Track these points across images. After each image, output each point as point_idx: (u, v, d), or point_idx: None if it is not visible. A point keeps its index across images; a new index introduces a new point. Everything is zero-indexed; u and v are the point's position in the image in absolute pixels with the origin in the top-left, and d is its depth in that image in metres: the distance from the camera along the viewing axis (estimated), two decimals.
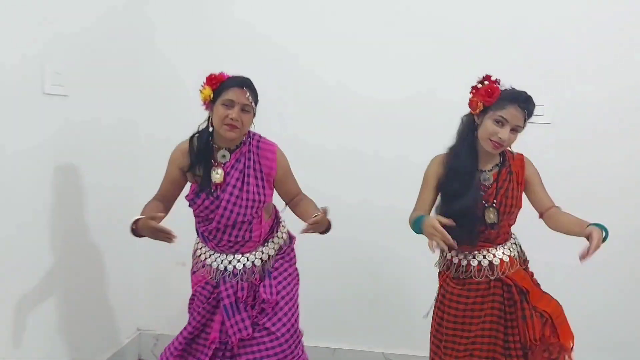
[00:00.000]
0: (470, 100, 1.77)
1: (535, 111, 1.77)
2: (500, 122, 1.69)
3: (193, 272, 1.95)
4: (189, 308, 1.95)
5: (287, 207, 1.99)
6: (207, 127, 1.85)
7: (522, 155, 1.86)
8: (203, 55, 2.73)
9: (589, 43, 2.47)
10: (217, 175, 1.80)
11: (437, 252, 1.87)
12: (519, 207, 1.84)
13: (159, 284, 2.86)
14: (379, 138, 2.65)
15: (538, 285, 1.88)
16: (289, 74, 2.63)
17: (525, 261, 1.93)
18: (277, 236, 1.95)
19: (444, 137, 1.86)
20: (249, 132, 1.86)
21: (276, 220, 1.98)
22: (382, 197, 2.64)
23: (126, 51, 2.64)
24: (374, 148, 2.65)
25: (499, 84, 1.75)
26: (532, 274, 1.91)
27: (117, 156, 2.62)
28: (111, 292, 2.64)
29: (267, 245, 1.91)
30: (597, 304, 2.55)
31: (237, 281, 1.83)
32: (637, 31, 2.45)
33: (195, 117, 2.83)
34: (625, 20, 2.45)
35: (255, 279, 1.85)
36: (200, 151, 1.82)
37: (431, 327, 1.95)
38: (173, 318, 2.87)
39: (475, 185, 1.77)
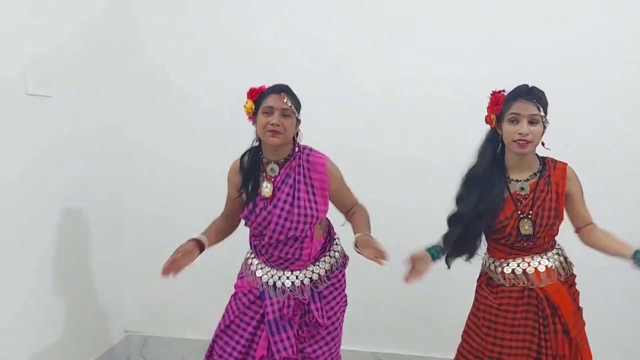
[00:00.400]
0: (485, 118, 1.79)
1: None
2: (515, 120, 1.70)
3: (241, 277, 1.93)
4: (228, 305, 1.91)
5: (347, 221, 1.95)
6: (256, 141, 1.85)
7: (565, 165, 1.80)
8: (192, 58, 2.70)
9: (588, 42, 2.47)
10: (267, 189, 1.80)
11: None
12: (560, 218, 1.78)
13: (147, 286, 2.81)
14: (383, 136, 2.62)
15: (575, 301, 1.84)
16: (286, 76, 2.58)
17: (571, 275, 1.85)
18: (329, 255, 1.90)
19: (448, 137, 1.84)
20: (298, 145, 1.85)
21: (329, 238, 1.93)
22: (381, 197, 2.59)
23: (114, 55, 2.60)
24: (378, 146, 2.63)
25: (504, 92, 1.76)
26: (575, 292, 1.85)
27: (107, 159, 2.60)
28: (99, 294, 2.60)
29: (318, 265, 1.86)
30: (597, 303, 2.54)
31: (284, 298, 1.81)
32: (636, 30, 2.45)
33: (185, 120, 2.80)
34: (623, 18, 2.45)
35: (304, 298, 1.82)
36: (250, 164, 1.83)
37: (463, 332, 1.92)
38: (161, 319, 2.85)
39: (480, 195, 1.75)
